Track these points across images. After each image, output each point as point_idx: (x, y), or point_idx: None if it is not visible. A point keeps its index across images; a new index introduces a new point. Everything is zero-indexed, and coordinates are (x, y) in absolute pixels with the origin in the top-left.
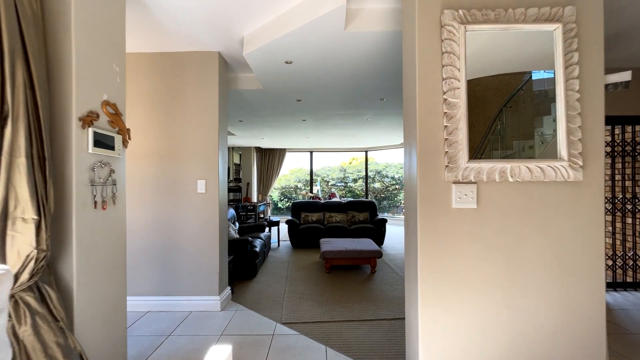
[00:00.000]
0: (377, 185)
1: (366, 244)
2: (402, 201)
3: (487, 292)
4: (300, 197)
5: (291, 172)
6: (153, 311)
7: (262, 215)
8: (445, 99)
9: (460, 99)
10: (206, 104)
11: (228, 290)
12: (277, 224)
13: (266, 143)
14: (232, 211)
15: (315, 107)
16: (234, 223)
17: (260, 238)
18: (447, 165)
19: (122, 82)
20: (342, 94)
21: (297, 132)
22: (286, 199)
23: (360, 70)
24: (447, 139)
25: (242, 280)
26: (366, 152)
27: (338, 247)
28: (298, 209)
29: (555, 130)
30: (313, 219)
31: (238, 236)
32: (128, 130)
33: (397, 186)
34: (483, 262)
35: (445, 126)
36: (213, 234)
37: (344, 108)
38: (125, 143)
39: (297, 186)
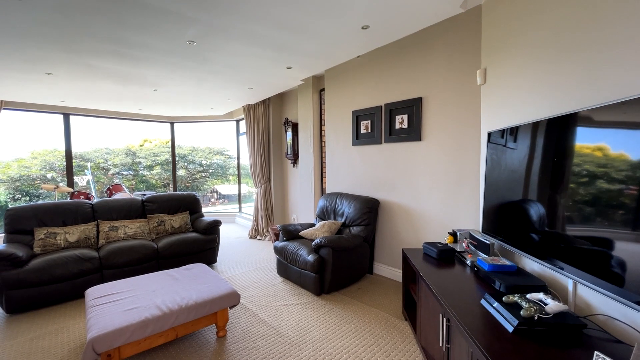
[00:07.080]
0: (181, 172)
1: (201, 278)
2: (210, 190)
3: None
4: (58, 194)
5: (34, 154)
6: None
7: None
8: None
9: None
10: None
11: None
12: None
13: None
14: None
15: None
16: None
17: None
18: None
19: None
20: None
21: (9, 49)
22: (28, 198)
23: None
24: None
25: None
26: (172, 123)
27: (138, 313)
28: (24, 223)
29: None
30: (70, 239)
31: None
32: None
33: (203, 173)
34: None
35: None
36: None
37: None
38: None
39: (45, 176)
